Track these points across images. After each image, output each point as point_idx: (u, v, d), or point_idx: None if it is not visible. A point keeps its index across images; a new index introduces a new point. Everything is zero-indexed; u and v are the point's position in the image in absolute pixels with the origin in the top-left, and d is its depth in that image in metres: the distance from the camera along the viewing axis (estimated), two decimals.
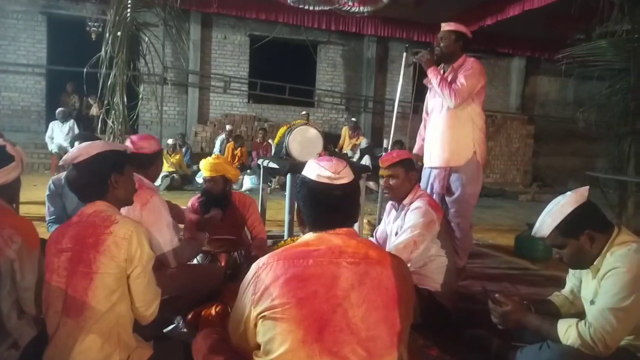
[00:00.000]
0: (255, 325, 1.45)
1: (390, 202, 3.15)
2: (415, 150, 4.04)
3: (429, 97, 3.93)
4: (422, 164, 3.91)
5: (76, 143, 3.29)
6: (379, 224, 3.62)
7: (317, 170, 1.53)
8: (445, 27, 3.69)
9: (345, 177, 1.53)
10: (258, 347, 1.48)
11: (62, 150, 9.31)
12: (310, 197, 1.53)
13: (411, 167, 2.94)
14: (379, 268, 1.45)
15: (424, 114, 4.02)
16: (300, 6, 9.52)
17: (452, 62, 3.67)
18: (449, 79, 3.60)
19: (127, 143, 2.69)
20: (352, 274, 1.42)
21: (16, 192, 2.13)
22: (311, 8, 9.56)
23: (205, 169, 3.44)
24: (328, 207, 1.52)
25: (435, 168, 3.74)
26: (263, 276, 1.44)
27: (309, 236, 1.53)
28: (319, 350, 1.36)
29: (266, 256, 1.50)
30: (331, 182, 1.50)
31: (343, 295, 1.39)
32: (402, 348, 1.44)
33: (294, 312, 1.37)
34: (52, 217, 3.39)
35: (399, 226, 2.93)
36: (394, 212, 3.09)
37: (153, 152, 2.69)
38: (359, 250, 1.47)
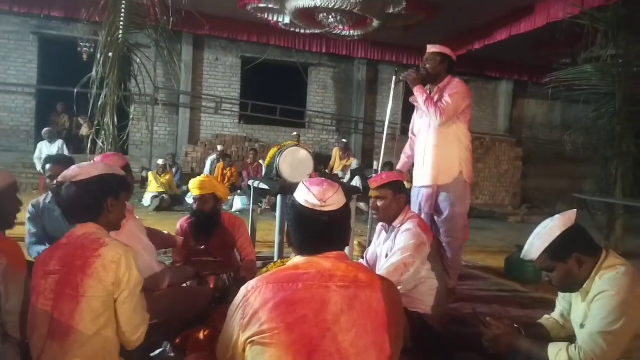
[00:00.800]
0: (244, 350, 1.43)
1: (380, 224, 3.15)
2: (398, 167, 4.08)
3: (415, 117, 3.99)
4: (409, 182, 3.94)
5: (48, 165, 3.25)
6: (369, 245, 3.62)
7: (305, 195, 1.52)
8: (431, 49, 3.77)
9: (334, 204, 1.51)
10: None
11: None
12: (297, 221, 1.53)
13: (400, 189, 2.95)
14: (369, 292, 1.44)
15: (410, 134, 4.08)
16: (292, 29, 9.64)
17: (437, 82, 3.75)
18: (435, 98, 3.66)
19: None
20: (341, 298, 1.41)
21: (10, 214, 2.09)
22: (302, 31, 9.68)
23: (194, 188, 3.43)
24: (314, 233, 1.51)
25: (423, 187, 3.77)
26: (252, 300, 1.42)
27: (299, 259, 1.52)
28: None
29: (255, 280, 1.48)
30: (318, 209, 1.49)
31: (332, 320, 1.38)
32: None
33: (283, 337, 1.36)
34: (33, 239, 3.32)
35: (389, 248, 2.93)
36: (384, 233, 3.09)
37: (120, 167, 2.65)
38: (349, 273, 1.46)
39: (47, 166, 3.25)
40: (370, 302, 1.42)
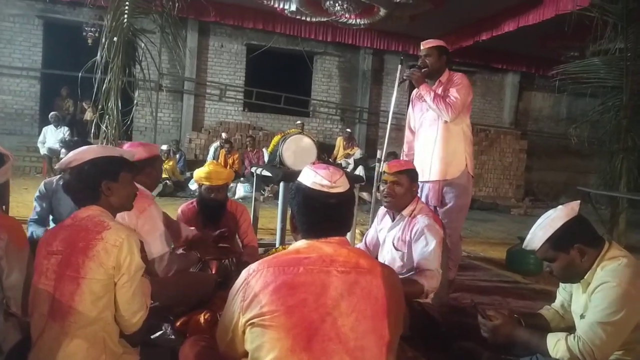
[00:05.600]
0: (244, 332, 1.44)
1: (384, 209, 3.12)
2: None
3: (412, 113, 3.96)
4: None
5: (63, 150, 3.29)
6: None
7: (313, 177, 1.53)
8: (427, 44, 3.74)
9: (341, 186, 1.53)
10: (246, 355, 1.46)
11: (52, 153, 9.31)
12: (305, 204, 1.53)
13: (415, 178, 2.93)
14: (369, 277, 1.44)
15: (407, 132, 4.04)
16: (298, 17, 9.57)
17: (437, 77, 3.72)
18: (440, 93, 3.65)
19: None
20: (342, 283, 1.41)
21: (6, 193, 2.11)
22: (308, 19, 9.61)
23: (214, 178, 3.33)
24: (322, 215, 1.51)
25: (428, 182, 3.75)
26: (253, 283, 1.43)
27: (301, 244, 1.52)
28: None
29: (256, 263, 1.49)
30: (327, 191, 1.51)
31: (332, 304, 1.38)
32: (390, 359, 1.43)
33: (283, 320, 1.36)
34: (34, 217, 3.36)
35: (396, 237, 2.89)
36: (387, 219, 3.04)
37: (141, 159, 2.63)
38: (350, 259, 1.46)
39: (62, 151, 3.28)
40: (371, 288, 1.43)
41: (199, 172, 3.45)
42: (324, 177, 1.52)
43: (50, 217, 3.49)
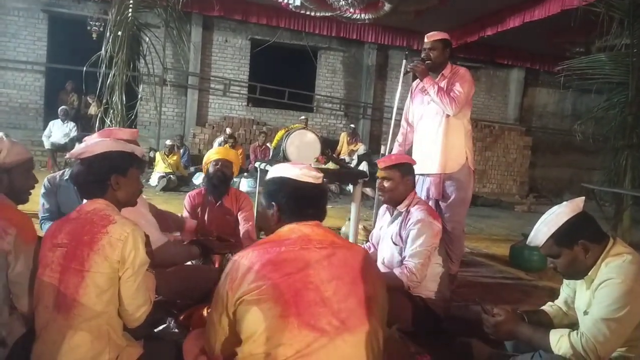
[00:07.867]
0: (235, 313, 1.52)
1: (384, 206, 3.15)
2: None
3: (411, 104, 3.96)
4: None
5: (76, 144, 3.30)
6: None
7: (299, 171, 1.72)
8: (432, 37, 3.73)
9: (320, 177, 1.77)
10: (239, 343, 1.52)
11: (55, 146, 9.34)
12: (294, 194, 1.70)
13: (408, 171, 2.92)
14: (344, 250, 1.65)
15: (403, 122, 4.06)
16: (302, 12, 9.55)
17: (440, 70, 3.72)
18: (443, 86, 3.64)
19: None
20: (321, 257, 1.59)
21: (23, 190, 2.10)
22: (312, 14, 9.59)
23: (223, 153, 3.58)
24: (310, 203, 1.71)
25: (429, 175, 3.76)
26: (239, 265, 1.56)
27: (281, 229, 1.69)
28: (297, 324, 1.47)
29: (242, 250, 1.65)
30: (313, 182, 1.72)
31: (314, 274, 1.55)
32: (374, 321, 1.56)
33: (271, 291, 1.49)
34: (45, 215, 3.38)
35: (394, 232, 2.91)
36: (387, 215, 3.07)
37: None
38: (326, 237, 1.66)
39: (76, 145, 3.30)
40: (346, 258, 1.63)
41: (210, 153, 3.69)
42: (310, 171, 1.75)
43: None
